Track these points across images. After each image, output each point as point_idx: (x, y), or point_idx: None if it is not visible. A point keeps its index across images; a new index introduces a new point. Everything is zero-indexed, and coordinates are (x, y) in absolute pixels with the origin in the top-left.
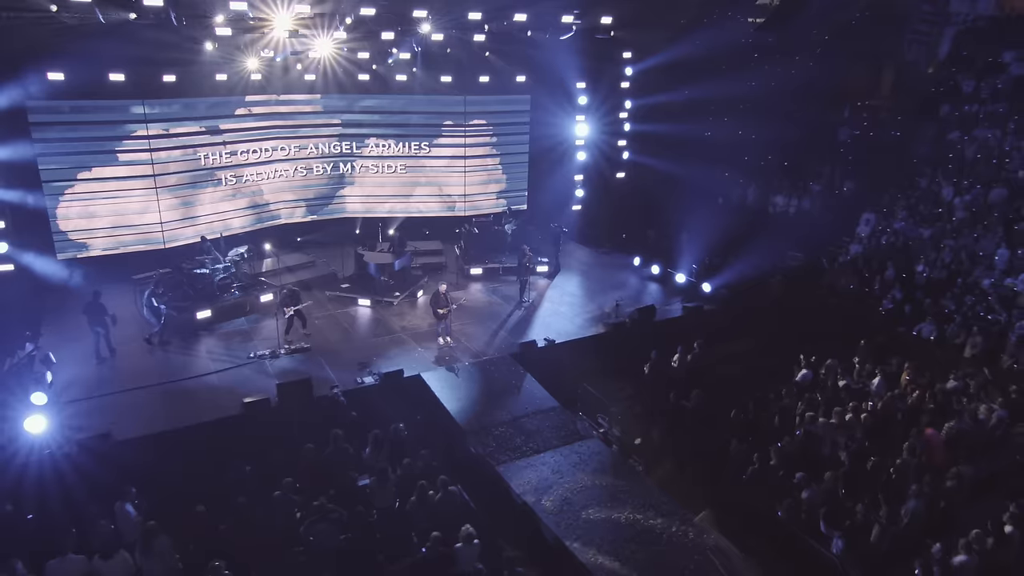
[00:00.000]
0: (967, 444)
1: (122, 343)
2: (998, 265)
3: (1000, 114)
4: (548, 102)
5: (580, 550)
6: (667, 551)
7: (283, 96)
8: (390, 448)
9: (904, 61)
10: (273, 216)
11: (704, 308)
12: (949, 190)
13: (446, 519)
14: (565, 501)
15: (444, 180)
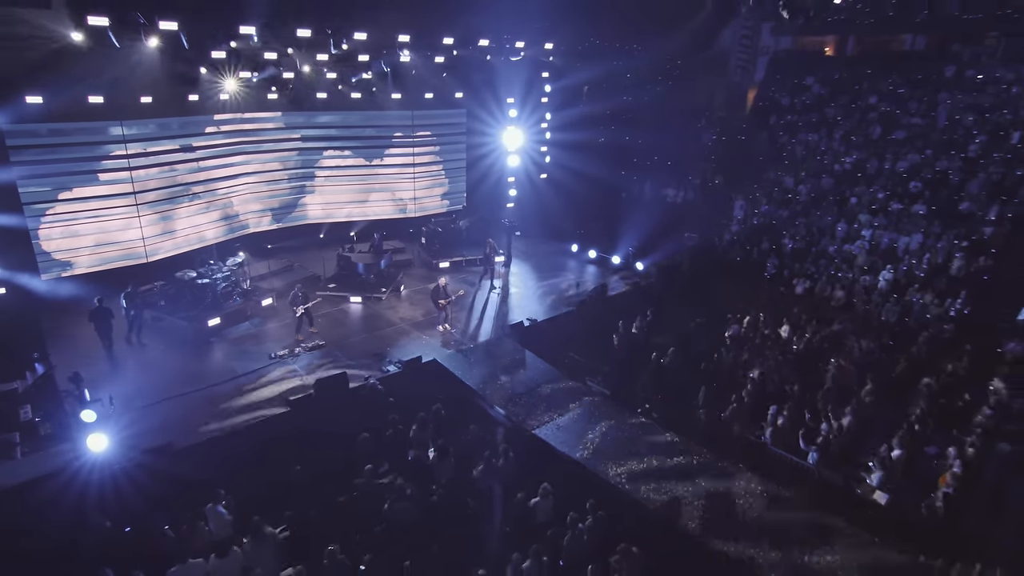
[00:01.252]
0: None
1: (142, 354)
2: (839, 235)
3: (813, 122)
4: (483, 114)
5: (630, 488)
6: (684, 473)
7: (247, 114)
8: (434, 426)
9: (732, 82)
10: (243, 226)
11: (640, 283)
12: (791, 180)
13: (511, 481)
14: (598, 450)
15: (395, 186)
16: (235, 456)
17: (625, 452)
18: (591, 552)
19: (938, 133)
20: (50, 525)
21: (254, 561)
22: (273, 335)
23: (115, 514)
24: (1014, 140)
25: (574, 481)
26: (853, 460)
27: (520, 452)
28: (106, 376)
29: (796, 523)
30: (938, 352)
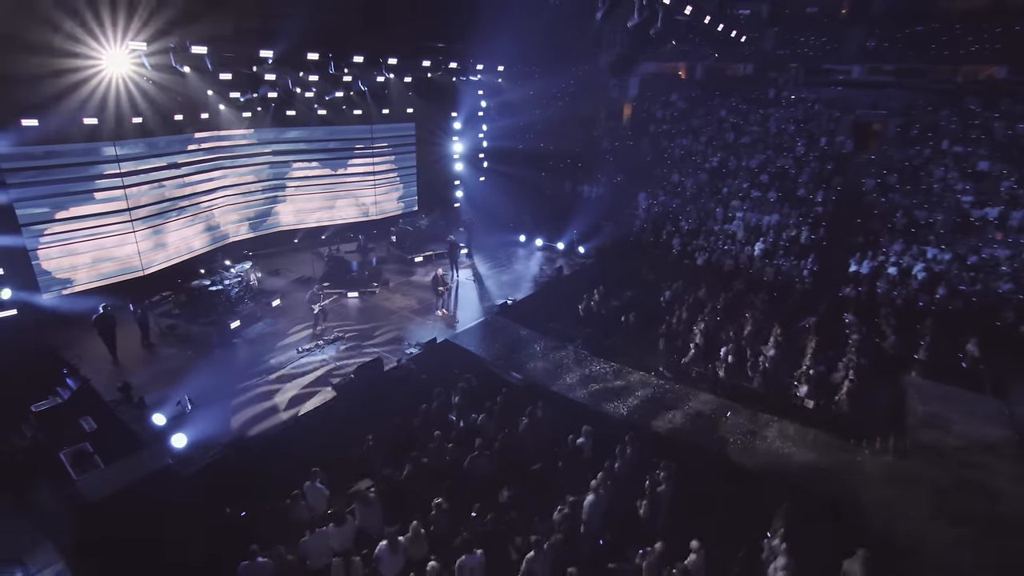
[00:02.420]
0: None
1: (177, 358)
2: (719, 218)
3: (683, 130)
4: (431, 126)
5: (628, 416)
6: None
7: (223, 132)
8: (470, 394)
9: (611, 98)
10: (224, 236)
11: (585, 264)
12: (677, 176)
13: (548, 431)
14: (595, 393)
15: (358, 192)
16: (305, 438)
17: (616, 392)
18: (634, 472)
19: (772, 138)
20: (172, 520)
21: (365, 524)
22: (290, 332)
23: (223, 502)
24: (822, 143)
25: (586, 419)
26: (781, 379)
27: (546, 406)
28: (153, 382)
29: (745, 422)
30: (807, 299)
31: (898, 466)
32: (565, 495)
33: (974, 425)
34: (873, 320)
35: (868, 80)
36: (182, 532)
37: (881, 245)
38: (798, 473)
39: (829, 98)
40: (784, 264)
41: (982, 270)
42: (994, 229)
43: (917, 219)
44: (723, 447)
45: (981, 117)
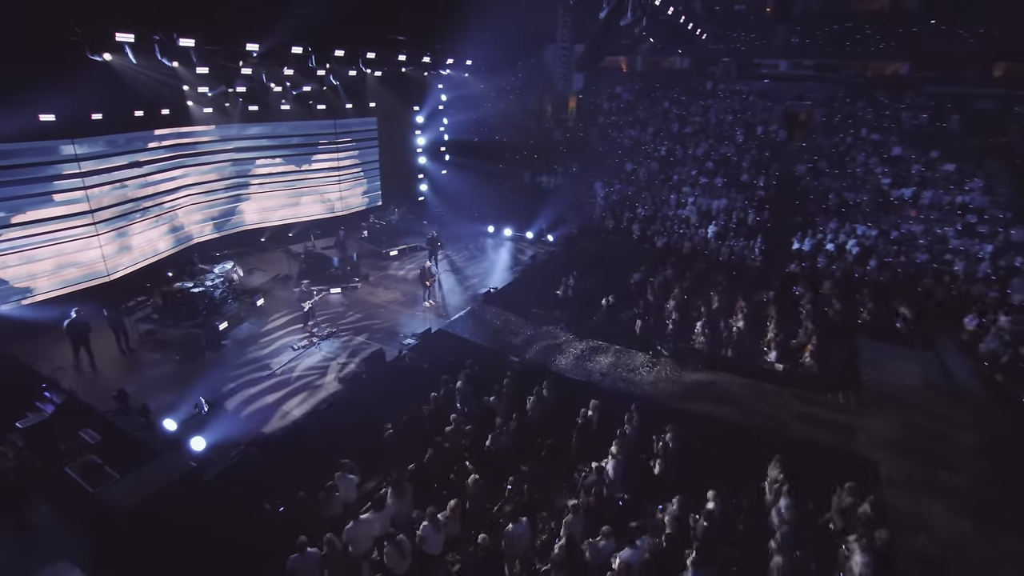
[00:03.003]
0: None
1: (167, 364)
2: (672, 203)
3: (630, 121)
4: (394, 121)
5: (623, 387)
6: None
7: (184, 128)
8: (475, 379)
9: (556, 91)
10: (189, 237)
11: (554, 252)
12: (630, 165)
13: (554, 407)
14: (589, 370)
15: (323, 188)
16: (320, 432)
17: (608, 367)
18: (640, 437)
19: (713, 128)
20: (205, 522)
21: (400, 509)
22: (279, 330)
23: (252, 500)
24: (759, 132)
25: (587, 394)
26: (751, 348)
27: (550, 385)
28: (149, 389)
29: (730, 387)
30: (761, 276)
31: (858, 414)
32: (581, 463)
33: (914, 375)
34: (819, 292)
35: (793, 74)
36: (216, 533)
37: (818, 224)
38: (782, 427)
39: (761, 90)
40: (736, 245)
41: (903, 244)
42: (909, 207)
43: (846, 200)
44: (715, 410)
45: (890, 108)
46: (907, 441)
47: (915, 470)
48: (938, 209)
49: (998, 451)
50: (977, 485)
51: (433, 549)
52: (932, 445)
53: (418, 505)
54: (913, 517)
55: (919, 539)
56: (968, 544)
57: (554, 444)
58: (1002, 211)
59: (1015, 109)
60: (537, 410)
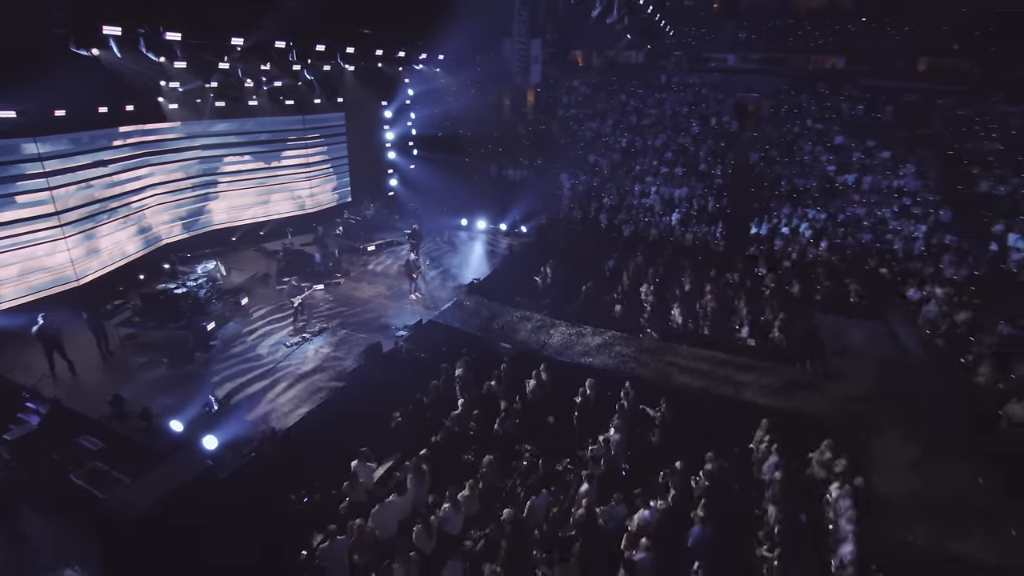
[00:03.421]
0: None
1: (159, 366)
2: (636, 193)
3: (590, 114)
4: (363, 116)
5: (613, 366)
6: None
7: (149, 125)
8: (474, 366)
9: (515, 84)
10: (158, 238)
11: (529, 242)
12: (593, 156)
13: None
14: (578, 352)
15: (293, 185)
16: (328, 425)
17: (596, 349)
18: (636, 411)
19: (669, 119)
20: (226, 519)
21: (419, 492)
22: (267, 329)
23: (270, 496)
24: (713, 123)
25: (581, 374)
26: (724, 326)
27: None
28: (145, 393)
29: (710, 362)
30: (725, 259)
31: (824, 381)
32: (583, 439)
33: (868, 344)
34: (778, 272)
35: (741, 67)
36: (240, 529)
37: (772, 209)
38: (760, 395)
39: (712, 83)
40: (699, 230)
41: (849, 225)
42: (853, 192)
43: (797, 186)
44: (699, 383)
45: (831, 100)
46: (867, 401)
47: (875, 426)
48: (877, 193)
49: (939, 404)
50: (925, 432)
51: (453, 530)
52: (887, 403)
53: (432, 488)
54: (879, 465)
55: (886, 482)
56: (919, 477)
57: (555, 423)
58: (932, 194)
59: (937, 102)
60: (537, 392)
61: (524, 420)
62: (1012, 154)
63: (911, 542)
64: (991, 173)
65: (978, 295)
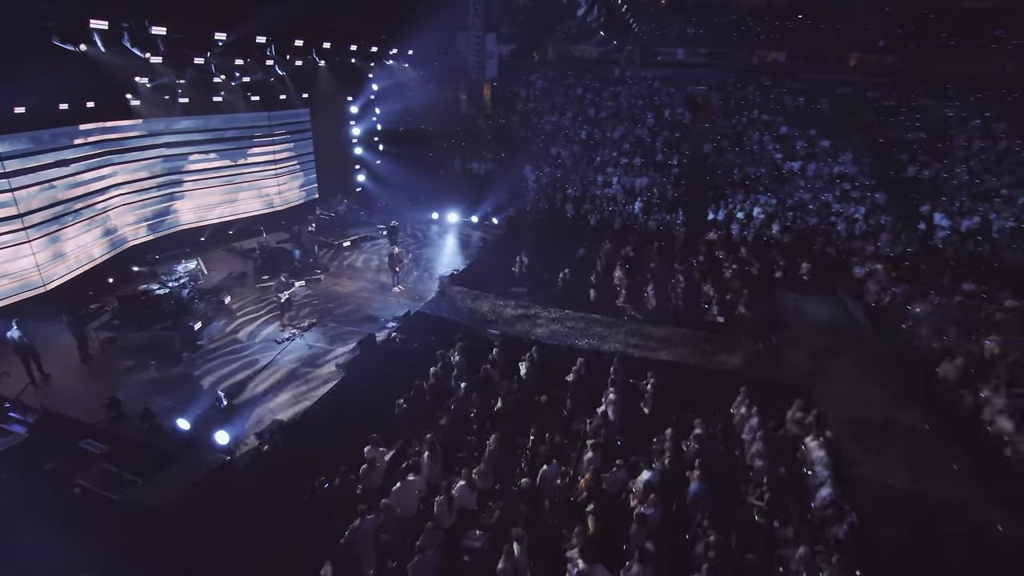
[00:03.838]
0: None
1: (149, 369)
2: (599, 183)
3: (549, 107)
4: (329, 111)
5: (596, 345)
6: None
7: (111, 123)
8: (468, 352)
9: (471, 79)
10: (123, 240)
11: (501, 234)
12: (554, 149)
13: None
14: (562, 333)
15: (261, 183)
16: (333, 415)
17: (580, 332)
18: (627, 384)
19: (625, 112)
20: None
21: (433, 471)
22: (253, 327)
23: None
24: (667, 115)
25: (564, 353)
26: (693, 305)
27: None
28: (141, 395)
29: (686, 338)
30: (687, 244)
31: (787, 350)
32: (578, 413)
33: (823, 316)
34: (738, 254)
35: (690, 61)
36: (264, 518)
37: (727, 196)
38: (734, 365)
39: (663, 76)
40: (661, 218)
41: (797, 209)
42: (799, 178)
43: (748, 174)
44: (678, 357)
45: (774, 92)
46: (825, 365)
47: (834, 385)
48: (821, 179)
49: (885, 365)
50: (873, 386)
51: (468, 505)
52: (842, 366)
53: (443, 467)
54: (841, 418)
55: (847, 431)
56: (873, 427)
57: (549, 400)
58: (867, 179)
59: (867, 94)
60: (531, 373)
61: (522, 399)
62: (933, 142)
63: (882, 483)
64: (916, 160)
65: (912, 269)
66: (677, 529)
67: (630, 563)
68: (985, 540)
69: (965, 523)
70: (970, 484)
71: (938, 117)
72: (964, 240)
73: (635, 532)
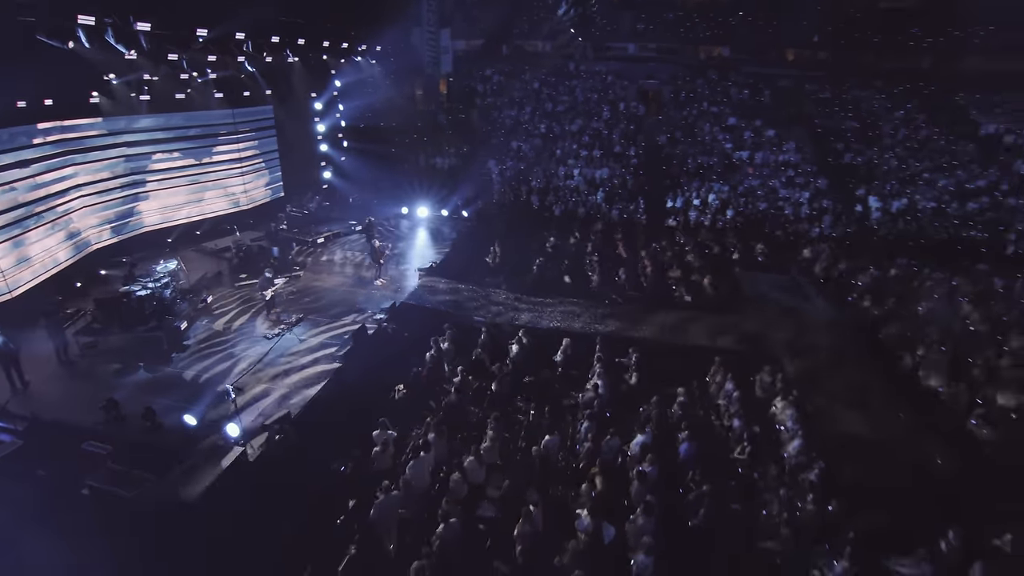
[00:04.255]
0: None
1: (142, 370)
2: (561, 175)
3: (507, 102)
4: (293, 108)
5: (575, 327)
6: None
7: (68, 122)
8: (457, 339)
9: (427, 74)
10: (87, 243)
11: (471, 226)
12: (515, 143)
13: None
14: (541, 316)
15: (227, 181)
16: (337, 404)
17: (562, 315)
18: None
19: (581, 105)
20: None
21: (441, 449)
22: (239, 323)
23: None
24: (621, 108)
25: (545, 335)
26: (661, 287)
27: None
28: (133, 396)
29: (658, 317)
30: (650, 230)
31: (750, 323)
32: (568, 389)
33: (779, 292)
34: (698, 239)
35: (640, 56)
36: (287, 503)
37: (683, 184)
38: (704, 339)
39: (616, 70)
40: (622, 207)
41: (748, 196)
42: (747, 166)
43: (701, 163)
44: (653, 334)
45: (720, 85)
46: (785, 333)
47: (794, 351)
48: (767, 166)
49: (836, 331)
50: (828, 352)
51: (477, 478)
52: (799, 335)
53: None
54: (801, 378)
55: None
56: (829, 381)
57: (539, 380)
58: (809, 166)
59: (805, 86)
60: (520, 356)
61: (514, 379)
62: (865, 131)
63: (842, 432)
64: (851, 147)
65: (852, 247)
66: (671, 485)
67: (635, 515)
68: (926, 473)
69: (911, 460)
70: (914, 429)
71: (867, 108)
72: (895, 220)
73: (637, 489)
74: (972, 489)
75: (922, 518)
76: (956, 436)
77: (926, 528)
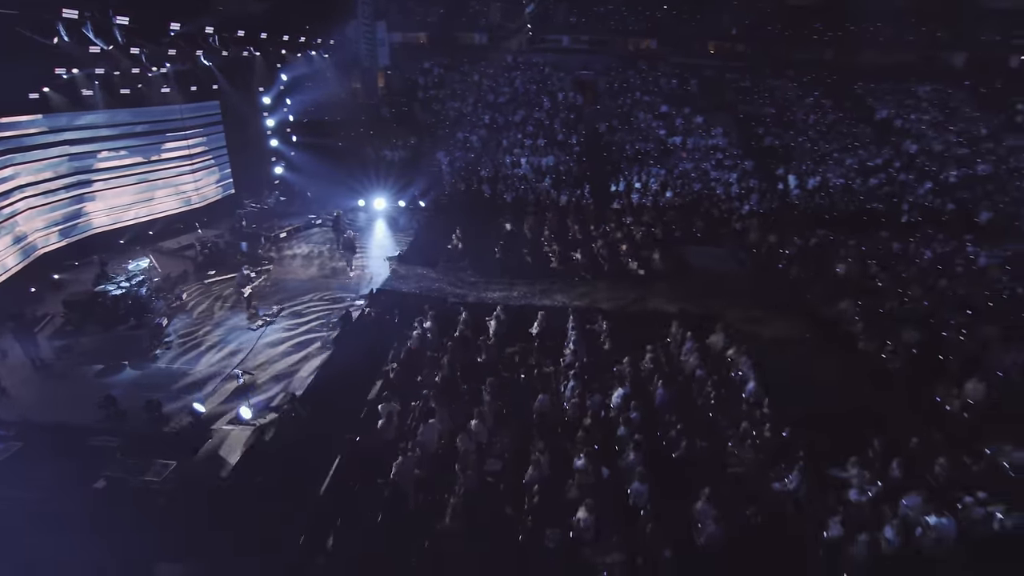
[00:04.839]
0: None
1: (114, 368)
2: (508, 164)
3: (450, 94)
4: (241, 103)
5: (550, 302)
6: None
7: (5, 119)
8: (438, 319)
9: (364, 67)
10: (33, 247)
11: (429, 215)
12: (462, 134)
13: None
14: (514, 296)
15: (177, 180)
16: (333, 384)
17: (532, 293)
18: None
19: (522, 96)
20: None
21: (443, 415)
22: (219, 318)
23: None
24: (560, 98)
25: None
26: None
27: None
28: (133, 393)
29: (617, 289)
30: (598, 213)
31: (697, 289)
32: (546, 356)
33: (718, 262)
34: (642, 219)
35: (573, 47)
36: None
37: (624, 169)
38: (662, 304)
39: (553, 62)
40: (569, 192)
41: (683, 178)
42: (681, 151)
43: (639, 149)
44: (618, 304)
45: (651, 75)
46: (726, 296)
47: (738, 311)
48: (699, 151)
49: (770, 292)
50: (765, 309)
51: (482, 438)
52: (738, 298)
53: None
54: (746, 332)
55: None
56: (766, 328)
57: (519, 351)
58: (736, 149)
59: (726, 76)
60: (500, 330)
61: (497, 351)
62: (781, 116)
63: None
64: (770, 131)
65: (778, 221)
66: (650, 428)
67: (625, 453)
68: (860, 404)
69: (849, 399)
70: (844, 369)
71: (782, 95)
72: (811, 196)
73: (624, 432)
74: (888, 409)
75: (854, 435)
76: (874, 370)
77: (857, 442)
